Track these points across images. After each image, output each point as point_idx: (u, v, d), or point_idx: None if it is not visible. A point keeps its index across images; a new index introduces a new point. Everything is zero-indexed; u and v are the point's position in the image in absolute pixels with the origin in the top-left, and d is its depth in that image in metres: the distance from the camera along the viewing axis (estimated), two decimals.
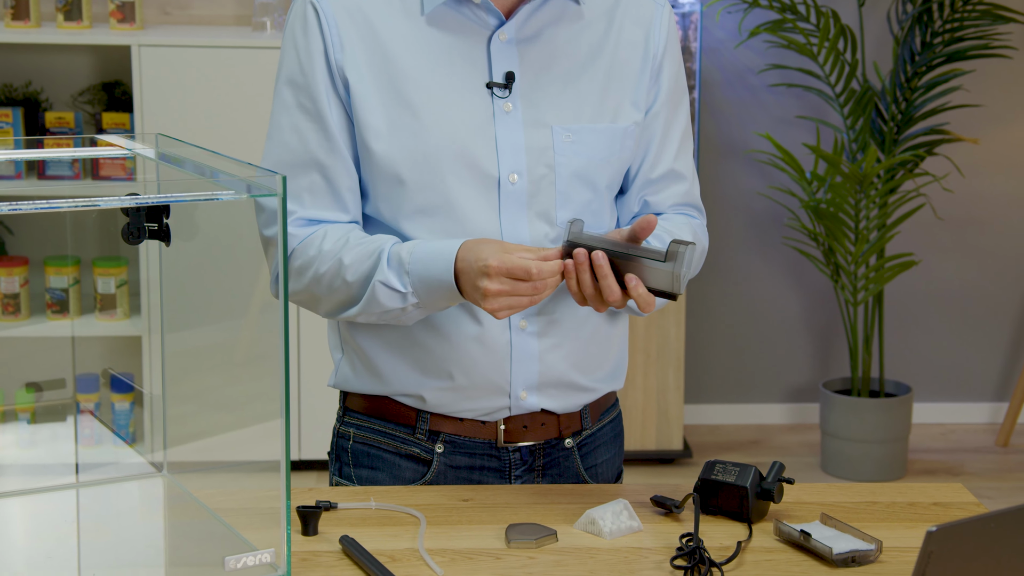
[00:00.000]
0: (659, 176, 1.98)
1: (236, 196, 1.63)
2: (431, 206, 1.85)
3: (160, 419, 1.93)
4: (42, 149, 2.71)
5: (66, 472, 1.92)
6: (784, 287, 4.91)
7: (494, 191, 1.86)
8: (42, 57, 4.36)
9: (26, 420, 2.33)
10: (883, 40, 4.68)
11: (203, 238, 1.86)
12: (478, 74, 1.86)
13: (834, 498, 1.91)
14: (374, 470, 1.96)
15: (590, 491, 1.93)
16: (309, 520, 1.75)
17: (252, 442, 1.76)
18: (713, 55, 4.70)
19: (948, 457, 4.73)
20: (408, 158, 1.84)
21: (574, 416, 1.98)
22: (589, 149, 1.89)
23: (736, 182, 4.79)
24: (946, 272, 4.92)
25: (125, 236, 1.68)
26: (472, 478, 1.95)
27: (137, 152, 1.85)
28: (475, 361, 1.89)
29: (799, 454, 4.72)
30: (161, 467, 1.91)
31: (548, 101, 1.88)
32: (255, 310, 1.89)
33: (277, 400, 1.59)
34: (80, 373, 3.55)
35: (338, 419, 2.02)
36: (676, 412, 4.50)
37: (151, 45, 4.03)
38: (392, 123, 1.84)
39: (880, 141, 4.46)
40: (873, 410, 4.47)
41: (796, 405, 4.99)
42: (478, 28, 1.87)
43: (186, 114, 4.06)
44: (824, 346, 4.96)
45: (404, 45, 1.85)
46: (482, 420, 1.94)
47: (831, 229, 4.38)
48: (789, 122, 4.76)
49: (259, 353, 1.79)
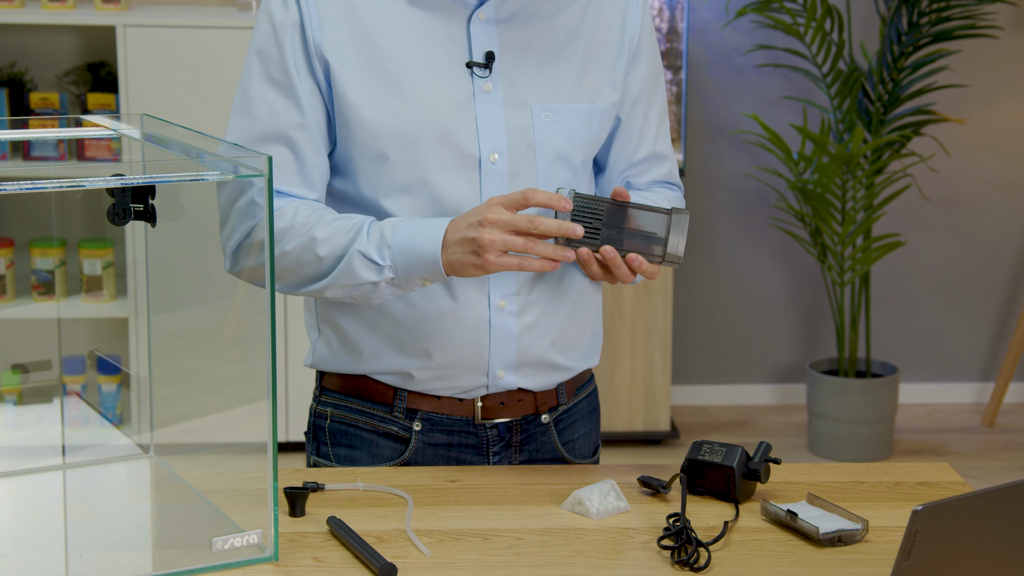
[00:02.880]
0: (642, 159, 2.01)
1: (222, 176, 1.63)
2: (412, 184, 1.85)
3: (147, 400, 1.93)
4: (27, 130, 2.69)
5: (53, 454, 1.92)
6: (771, 268, 4.92)
7: (475, 171, 1.86)
8: (26, 37, 4.34)
9: (12, 402, 2.32)
10: (870, 20, 4.68)
11: (189, 219, 1.85)
12: (458, 53, 1.86)
13: (820, 478, 1.91)
14: (352, 448, 1.97)
15: (577, 471, 1.94)
16: (296, 501, 1.75)
17: (239, 423, 1.76)
18: (700, 35, 4.70)
19: (934, 437, 4.75)
20: (390, 136, 1.84)
21: (550, 392, 1.99)
22: (568, 128, 1.90)
23: (723, 163, 4.79)
24: (932, 252, 4.93)
25: (111, 217, 1.68)
26: (450, 455, 1.96)
27: (123, 132, 1.84)
28: (453, 340, 1.89)
29: (786, 434, 4.73)
30: (148, 448, 1.91)
31: (527, 81, 1.88)
32: (241, 291, 1.89)
33: (263, 381, 1.59)
34: (66, 355, 3.54)
35: (314, 399, 2.02)
36: (663, 393, 4.50)
37: (136, 25, 4.01)
38: (374, 101, 1.84)
39: (867, 121, 4.46)
40: (860, 390, 4.49)
41: (783, 386, 5.01)
42: (457, 7, 1.86)
43: (171, 94, 4.04)
44: (811, 327, 4.97)
45: (384, 24, 1.84)
46: (459, 398, 1.94)
47: (818, 210, 4.39)
48: (776, 103, 4.76)
49: (245, 334, 1.79)
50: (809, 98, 4.69)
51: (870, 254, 4.45)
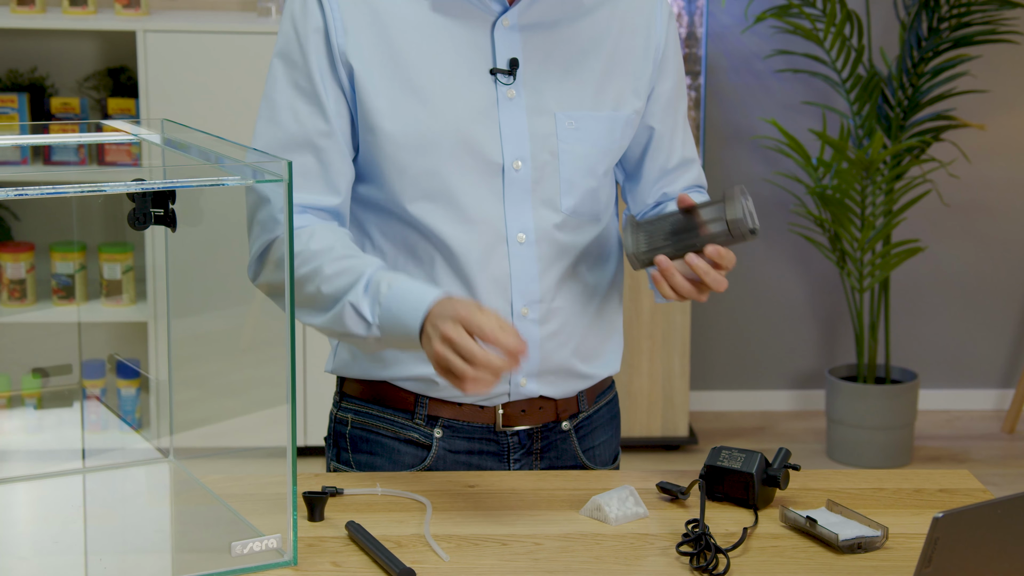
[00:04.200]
0: (674, 166, 2.02)
1: (242, 182, 1.63)
2: (435, 191, 1.85)
3: (166, 404, 1.93)
4: (48, 135, 2.70)
5: (72, 457, 1.92)
6: (790, 273, 4.91)
7: (498, 178, 1.86)
8: (48, 43, 4.36)
9: (32, 405, 2.33)
10: (890, 25, 4.67)
11: (208, 223, 1.86)
12: (482, 60, 1.86)
13: (840, 484, 1.91)
14: (373, 455, 1.97)
15: (596, 476, 1.93)
16: (315, 506, 1.75)
17: (258, 428, 1.76)
18: (719, 41, 4.69)
19: (954, 444, 4.73)
20: (413, 143, 1.83)
21: (571, 400, 1.99)
22: (591, 136, 1.89)
23: (742, 168, 4.78)
24: (952, 258, 4.92)
25: (131, 222, 1.68)
26: (471, 462, 1.95)
27: (143, 138, 1.85)
28: None
29: (805, 441, 4.72)
30: (167, 452, 1.91)
31: (550, 88, 1.88)
32: (261, 295, 1.89)
33: (283, 386, 1.59)
34: (86, 359, 3.55)
35: (335, 404, 2.02)
36: (682, 399, 4.50)
37: (156, 31, 4.03)
38: (398, 108, 1.83)
39: (886, 127, 4.45)
40: (879, 397, 4.47)
41: (802, 392, 4.99)
42: (482, 14, 1.86)
43: (191, 99, 4.05)
44: (830, 333, 4.96)
45: (408, 30, 1.84)
46: (480, 405, 1.94)
47: (837, 215, 4.38)
48: (795, 108, 4.75)
49: (265, 339, 1.79)
50: (828, 103, 4.68)
51: (889, 260, 4.43)
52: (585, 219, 1.92)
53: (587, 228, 1.92)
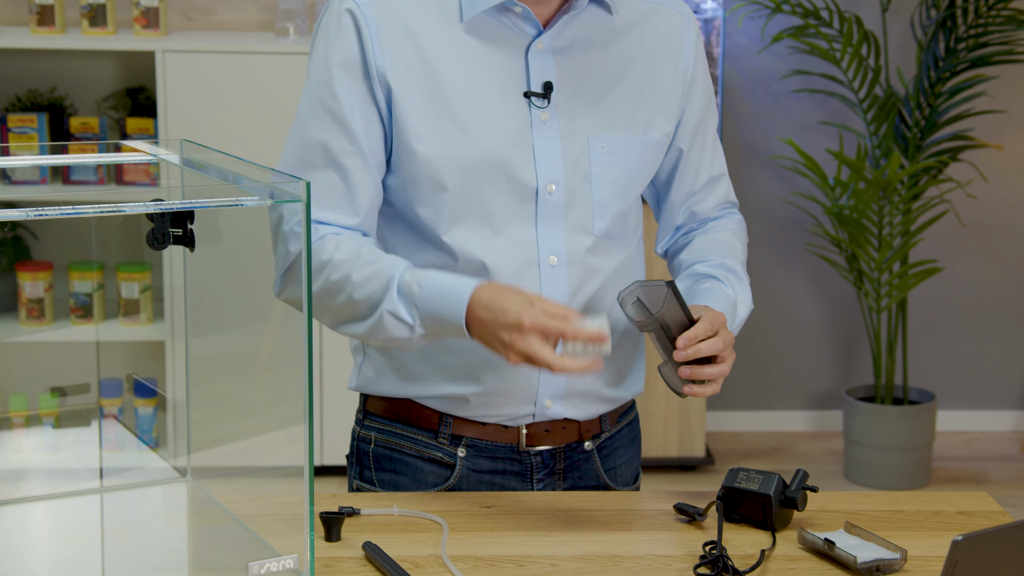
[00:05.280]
0: (702, 186, 2.02)
1: (260, 202, 1.63)
2: (468, 213, 1.85)
3: (183, 424, 1.94)
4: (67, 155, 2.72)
5: (90, 477, 1.93)
6: (807, 294, 4.90)
7: (532, 201, 1.86)
8: (67, 63, 4.38)
9: (50, 424, 2.34)
10: (907, 46, 4.67)
11: (226, 243, 1.86)
12: (515, 83, 1.86)
13: (858, 506, 1.90)
14: (396, 474, 1.96)
15: (613, 497, 1.93)
16: (332, 526, 1.75)
17: (275, 447, 1.76)
18: (735, 60, 4.69)
19: (972, 465, 4.71)
20: (448, 165, 1.83)
21: (594, 420, 1.99)
22: (623, 160, 1.90)
23: (758, 188, 4.78)
24: (970, 279, 4.90)
25: (150, 242, 1.69)
26: (495, 482, 1.95)
27: (161, 158, 1.86)
28: (503, 369, 1.88)
29: (822, 461, 4.70)
30: (185, 472, 1.91)
31: (583, 111, 1.88)
32: (278, 314, 1.89)
33: (300, 404, 1.59)
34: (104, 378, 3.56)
35: (357, 422, 2.02)
36: (698, 419, 4.49)
37: (175, 51, 4.05)
38: (433, 130, 1.84)
39: (903, 147, 4.45)
40: (897, 418, 4.46)
41: (819, 412, 4.98)
42: (516, 37, 1.87)
43: (210, 119, 4.07)
44: (847, 353, 4.94)
45: (443, 53, 1.84)
46: (505, 425, 1.94)
47: (854, 235, 4.37)
48: (812, 128, 4.75)
49: (282, 357, 1.79)
50: (845, 123, 4.68)
51: (907, 280, 4.42)
52: (615, 242, 1.92)
53: (616, 251, 1.93)
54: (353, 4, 1.84)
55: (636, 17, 1.93)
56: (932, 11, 4.46)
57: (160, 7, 4.15)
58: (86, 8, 4.13)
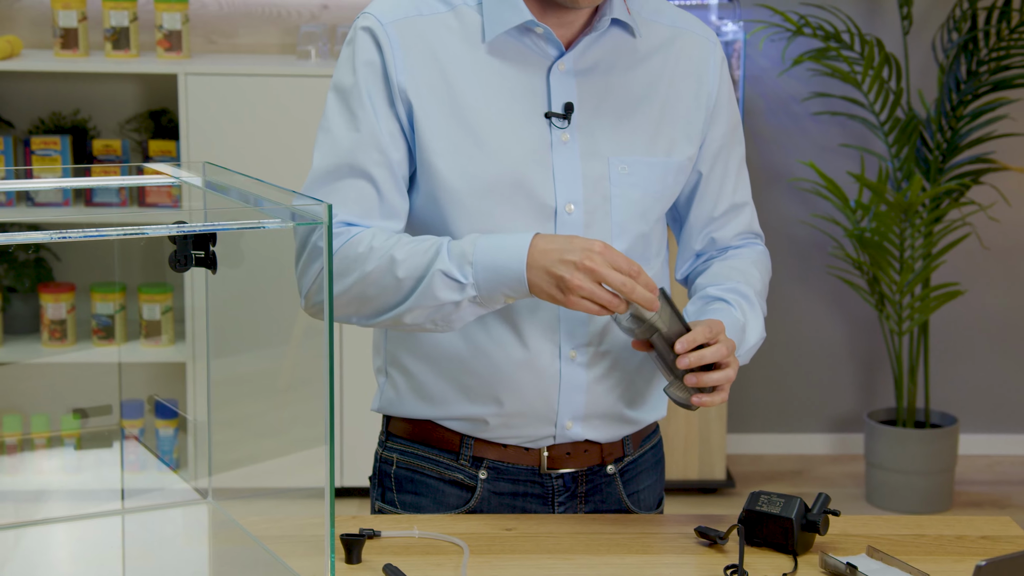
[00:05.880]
0: (722, 212, 2.01)
1: (282, 224, 1.64)
2: (488, 232, 1.85)
3: (204, 445, 1.94)
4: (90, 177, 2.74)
5: (111, 498, 1.93)
6: (828, 316, 4.89)
7: (551, 221, 1.86)
8: (90, 86, 4.41)
9: (72, 446, 2.35)
10: (928, 68, 4.66)
11: (248, 265, 1.87)
12: (537, 104, 1.87)
13: (880, 530, 1.89)
14: (418, 496, 1.96)
15: (634, 520, 1.93)
16: (352, 548, 1.75)
17: (296, 468, 1.76)
18: (756, 83, 4.70)
19: (994, 489, 4.68)
20: (468, 183, 1.84)
21: (616, 444, 1.98)
22: (644, 182, 1.90)
23: (779, 210, 4.77)
24: (992, 302, 4.88)
25: (172, 264, 1.69)
26: (516, 504, 1.95)
27: (184, 180, 1.87)
28: (523, 389, 1.88)
29: (843, 485, 4.68)
30: (205, 493, 1.92)
31: (604, 133, 1.89)
32: (299, 336, 1.90)
33: (321, 426, 1.59)
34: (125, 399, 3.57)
35: (380, 444, 2.02)
36: (719, 442, 4.48)
37: (198, 74, 4.07)
38: (454, 148, 1.84)
39: (925, 170, 4.44)
40: (918, 441, 4.44)
41: (840, 435, 4.96)
42: (538, 58, 1.87)
43: (232, 142, 4.09)
44: (868, 376, 4.93)
45: (464, 73, 1.85)
46: (526, 447, 1.93)
47: (875, 258, 4.36)
48: (833, 150, 4.74)
49: (303, 379, 1.80)
50: (866, 146, 4.67)
51: (929, 303, 4.41)
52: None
53: None
54: (376, 23, 1.85)
55: (660, 41, 1.94)
56: (954, 34, 4.45)
57: (183, 30, 4.17)
58: (109, 31, 4.16)
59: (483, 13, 1.86)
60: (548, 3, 1.86)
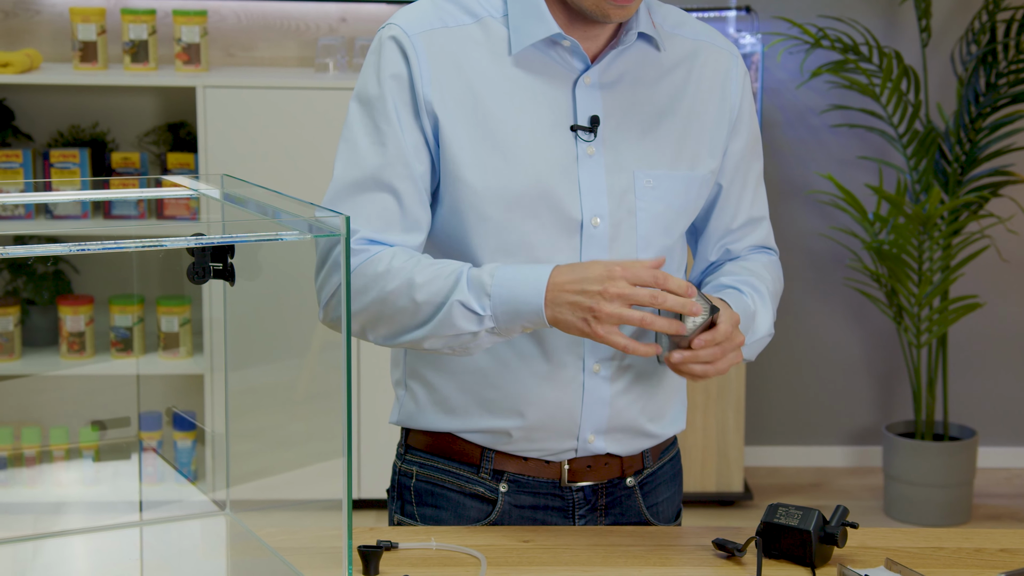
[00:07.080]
0: (739, 225, 2.01)
1: (300, 236, 1.64)
2: (513, 246, 1.85)
3: (222, 457, 1.94)
4: (108, 189, 2.75)
5: (130, 510, 1.93)
6: (846, 329, 4.88)
7: (576, 234, 1.86)
8: (109, 98, 4.42)
9: (90, 458, 2.35)
10: (947, 81, 4.65)
11: (266, 277, 1.87)
12: (562, 117, 1.87)
13: (899, 543, 1.89)
14: (438, 509, 1.96)
15: (651, 533, 1.92)
16: (370, 560, 1.75)
17: (313, 480, 1.76)
18: (774, 95, 4.69)
19: (1013, 502, 4.66)
20: (493, 197, 1.84)
21: (636, 456, 1.98)
22: (668, 195, 1.90)
23: (798, 223, 4.76)
24: (1011, 314, 4.86)
25: (190, 276, 1.70)
26: (536, 518, 1.95)
27: (202, 192, 1.87)
28: (545, 402, 1.88)
29: (861, 498, 4.67)
30: (224, 505, 1.92)
31: (629, 146, 1.89)
32: (316, 348, 1.90)
33: (338, 438, 1.60)
34: (144, 411, 3.58)
35: (399, 456, 2.02)
36: (736, 454, 4.47)
37: (216, 87, 4.08)
38: (479, 161, 1.84)
39: (944, 182, 4.43)
40: (937, 454, 4.42)
41: (858, 448, 4.95)
42: (564, 71, 1.87)
43: (250, 154, 4.10)
44: (887, 388, 4.91)
45: (490, 85, 1.85)
46: (547, 460, 1.93)
47: (894, 270, 4.35)
48: (851, 163, 4.74)
49: (321, 391, 1.80)
50: (885, 158, 4.66)
51: (947, 316, 4.39)
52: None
53: None
54: (402, 34, 1.85)
55: (683, 54, 1.94)
56: (973, 46, 4.44)
57: (201, 43, 4.19)
58: (128, 44, 4.18)
59: (509, 26, 1.86)
60: (575, 16, 1.86)
